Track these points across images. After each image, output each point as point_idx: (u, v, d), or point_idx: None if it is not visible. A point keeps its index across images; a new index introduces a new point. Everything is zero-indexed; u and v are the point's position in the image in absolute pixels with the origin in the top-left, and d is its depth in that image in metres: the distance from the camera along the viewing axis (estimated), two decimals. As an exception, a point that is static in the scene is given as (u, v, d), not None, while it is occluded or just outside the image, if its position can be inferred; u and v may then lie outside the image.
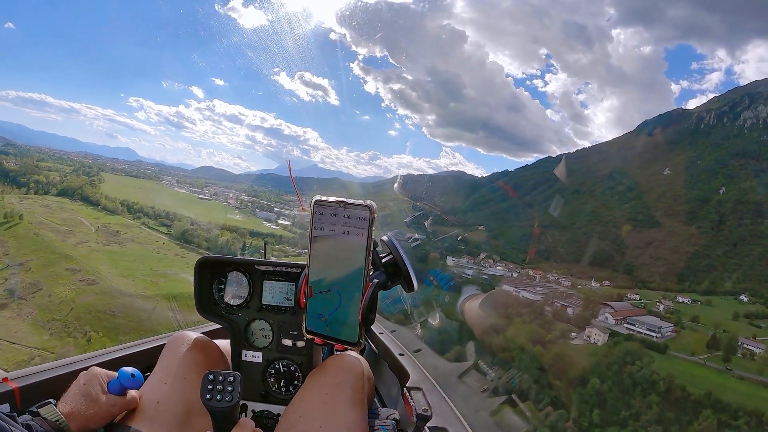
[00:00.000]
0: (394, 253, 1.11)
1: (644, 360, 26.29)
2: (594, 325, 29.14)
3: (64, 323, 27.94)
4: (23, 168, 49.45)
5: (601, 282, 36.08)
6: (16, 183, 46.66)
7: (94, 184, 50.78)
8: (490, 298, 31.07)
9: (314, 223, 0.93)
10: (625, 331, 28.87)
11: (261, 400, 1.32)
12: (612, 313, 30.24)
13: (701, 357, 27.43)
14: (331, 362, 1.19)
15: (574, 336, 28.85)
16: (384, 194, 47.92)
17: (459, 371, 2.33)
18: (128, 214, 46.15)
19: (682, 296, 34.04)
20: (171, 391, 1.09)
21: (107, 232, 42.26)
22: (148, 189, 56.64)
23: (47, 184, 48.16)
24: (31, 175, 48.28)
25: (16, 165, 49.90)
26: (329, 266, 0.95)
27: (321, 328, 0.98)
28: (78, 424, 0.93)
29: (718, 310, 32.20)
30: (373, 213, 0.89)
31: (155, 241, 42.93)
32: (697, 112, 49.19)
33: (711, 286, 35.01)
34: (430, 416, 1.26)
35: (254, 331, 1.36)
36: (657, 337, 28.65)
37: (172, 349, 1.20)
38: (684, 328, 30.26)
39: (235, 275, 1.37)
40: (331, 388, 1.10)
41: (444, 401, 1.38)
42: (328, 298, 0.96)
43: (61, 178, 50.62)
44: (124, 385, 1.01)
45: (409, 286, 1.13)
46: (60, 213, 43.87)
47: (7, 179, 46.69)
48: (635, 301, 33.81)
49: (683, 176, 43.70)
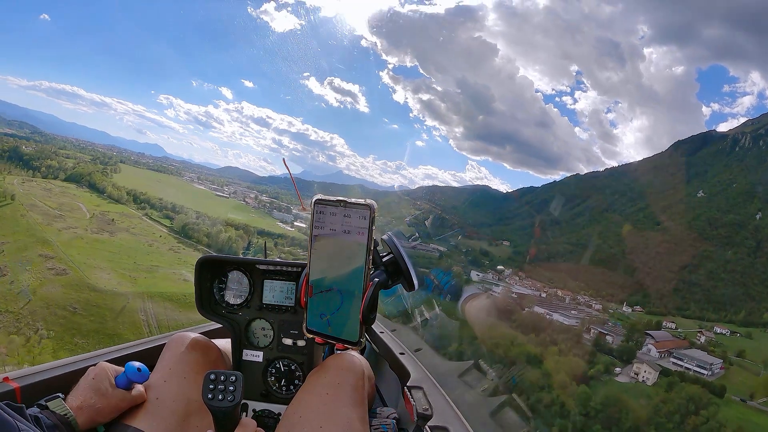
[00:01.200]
0: (395, 252, 1.11)
1: (710, 409, 21.82)
2: (642, 360, 25.80)
3: (17, 316, 24.97)
4: (39, 153, 49.18)
5: (632, 307, 33.81)
6: (27, 166, 46.28)
7: (106, 173, 50.33)
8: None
9: (315, 222, 0.93)
10: (672, 367, 25.52)
11: (262, 400, 1.32)
12: (654, 345, 27.29)
13: (761, 401, 23.53)
14: (331, 362, 1.20)
15: (618, 372, 25.39)
16: (400, 204, 47.07)
17: (460, 370, 2.33)
18: (133, 204, 45.33)
19: (720, 326, 30.90)
20: (171, 390, 1.10)
21: (102, 220, 40.33)
22: (164, 182, 55.68)
23: (58, 169, 47.69)
24: (45, 159, 47.86)
25: (32, 150, 49.57)
26: (330, 265, 0.95)
27: (321, 327, 0.98)
28: (86, 418, 0.95)
29: (760, 343, 29.20)
30: (373, 212, 0.89)
31: (152, 233, 41.13)
32: (731, 134, 46.58)
33: (748, 316, 32.02)
34: (431, 415, 1.26)
35: (255, 331, 1.36)
36: (708, 375, 25.10)
37: (172, 349, 1.21)
38: (731, 365, 26.75)
39: (236, 274, 1.38)
40: (332, 387, 1.10)
41: (445, 400, 1.38)
42: (328, 297, 0.96)
43: (74, 164, 50.08)
44: (131, 379, 1.03)
45: (410, 285, 1.13)
46: (59, 197, 42.54)
47: (20, 162, 46.35)
48: (673, 330, 31.24)
49: (718, 199, 41.17)
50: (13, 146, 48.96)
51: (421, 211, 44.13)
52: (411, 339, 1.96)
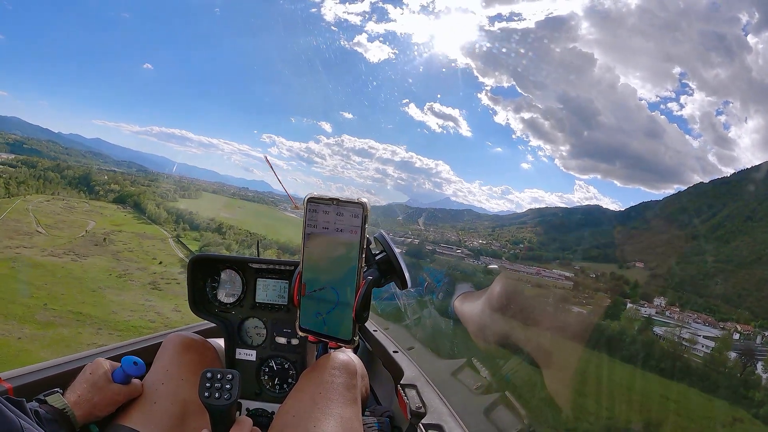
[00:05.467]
0: (387, 250, 1.11)
1: None
2: None
3: None
4: (111, 179, 52.29)
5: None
6: (90, 190, 48.80)
7: (166, 195, 52.28)
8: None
9: (307, 220, 0.93)
10: None
11: (255, 398, 1.32)
12: None
13: None
14: (324, 360, 1.19)
15: None
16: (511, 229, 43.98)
17: (453, 368, 2.34)
18: (170, 224, 44.96)
19: None
20: (167, 391, 1.10)
21: (92, 241, 36.93)
22: (246, 209, 55.39)
23: (118, 192, 49.82)
24: (109, 184, 50.63)
25: (101, 176, 53.04)
26: (323, 264, 0.95)
27: (315, 325, 0.98)
28: (84, 412, 0.96)
29: None
30: (366, 211, 0.89)
31: (151, 259, 36.35)
32: None
33: None
34: (424, 413, 1.27)
35: (248, 329, 1.36)
36: None
37: (169, 349, 1.21)
38: None
39: (229, 273, 1.37)
40: (326, 386, 1.10)
41: (438, 398, 1.38)
42: (321, 295, 0.96)
43: (136, 188, 51.85)
44: (127, 372, 1.04)
45: (403, 283, 1.13)
46: (72, 214, 41.47)
47: (85, 186, 48.77)
48: None
49: None
50: (85, 173, 52.09)
51: (536, 235, 42.20)
52: (404, 337, 1.97)
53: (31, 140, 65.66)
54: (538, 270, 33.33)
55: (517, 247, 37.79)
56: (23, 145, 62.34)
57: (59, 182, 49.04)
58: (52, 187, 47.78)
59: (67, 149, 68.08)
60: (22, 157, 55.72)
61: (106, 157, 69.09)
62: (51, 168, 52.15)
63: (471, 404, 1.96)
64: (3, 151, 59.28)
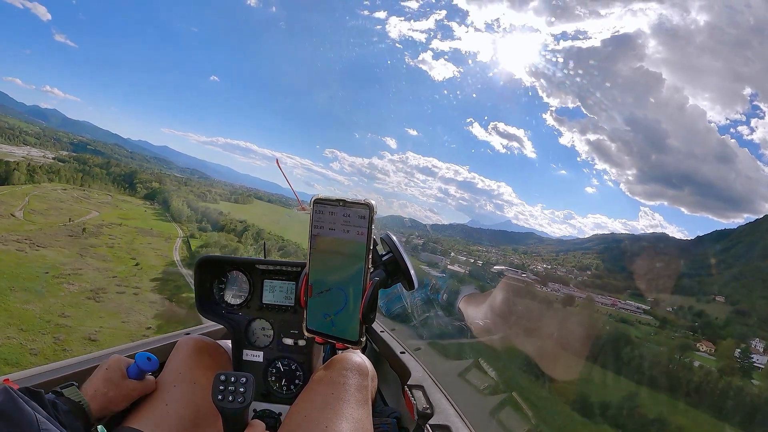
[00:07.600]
0: (394, 251, 1.11)
1: None
2: None
3: None
4: (154, 178, 55.93)
5: None
6: (131, 187, 51.92)
7: (202, 195, 55.45)
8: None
9: (314, 222, 0.93)
10: None
11: (262, 400, 1.33)
12: None
13: None
14: (336, 361, 1.19)
15: None
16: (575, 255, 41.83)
17: (460, 369, 2.33)
18: (192, 223, 45.60)
19: None
20: (181, 396, 1.10)
21: (67, 232, 33.77)
22: (293, 217, 56.07)
23: (156, 190, 52.62)
24: (151, 182, 54.13)
25: (151, 176, 56.60)
26: (329, 265, 0.95)
27: (322, 327, 0.98)
28: (99, 405, 0.98)
29: None
30: (372, 211, 0.89)
31: (131, 259, 33.74)
32: None
33: None
34: (432, 414, 1.26)
35: (255, 331, 1.36)
36: None
37: (182, 352, 1.21)
38: None
39: (236, 275, 1.38)
40: (337, 387, 1.10)
41: (445, 399, 1.38)
42: (328, 296, 0.96)
43: (175, 186, 55.10)
44: (141, 368, 1.06)
45: (409, 284, 1.13)
46: (74, 203, 41.00)
47: (128, 183, 51.77)
48: None
49: None
50: (130, 171, 55.47)
51: (603, 262, 40.68)
52: (411, 338, 1.96)
53: (96, 142, 68.57)
54: (614, 301, 31.81)
55: (585, 273, 36.47)
56: (87, 146, 65.23)
57: (103, 178, 51.61)
58: (93, 181, 50.04)
59: (132, 153, 71.99)
60: (77, 154, 58.37)
61: (171, 164, 72.72)
62: (100, 165, 54.98)
63: (479, 405, 1.95)
64: (66, 149, 61.74)
